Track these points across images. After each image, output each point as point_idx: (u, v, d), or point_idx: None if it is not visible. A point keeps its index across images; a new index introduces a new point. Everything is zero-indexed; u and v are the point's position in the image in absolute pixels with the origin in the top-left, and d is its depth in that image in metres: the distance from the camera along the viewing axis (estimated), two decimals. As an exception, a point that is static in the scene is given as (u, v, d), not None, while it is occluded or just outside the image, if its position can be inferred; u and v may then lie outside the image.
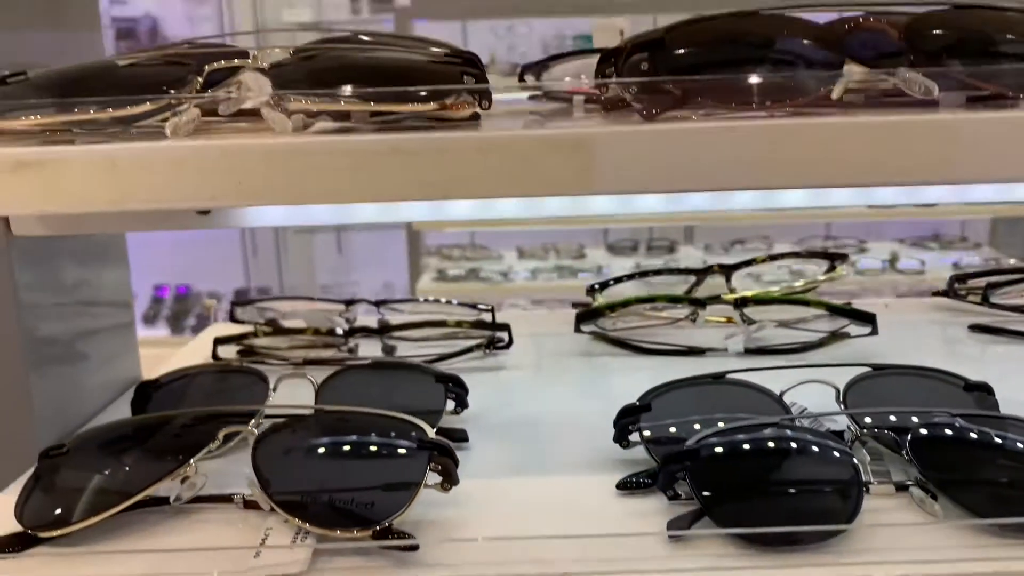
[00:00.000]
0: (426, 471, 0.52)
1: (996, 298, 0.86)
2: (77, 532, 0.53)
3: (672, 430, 0.59)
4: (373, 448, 0.55)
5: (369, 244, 3.34)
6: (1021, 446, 0.54)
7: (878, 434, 0.58)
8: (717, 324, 0.84)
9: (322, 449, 0.56)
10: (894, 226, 2.76)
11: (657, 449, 0.58)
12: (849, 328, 0.80)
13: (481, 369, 0.80)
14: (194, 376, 0.71)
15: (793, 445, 0.54)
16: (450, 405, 0.66)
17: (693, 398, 0.62)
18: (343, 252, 3.45)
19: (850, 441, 0.57)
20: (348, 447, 0.56)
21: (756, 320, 0.81)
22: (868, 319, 0.78)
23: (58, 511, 0.54)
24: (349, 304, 0.85)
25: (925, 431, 0.55)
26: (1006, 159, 0.46)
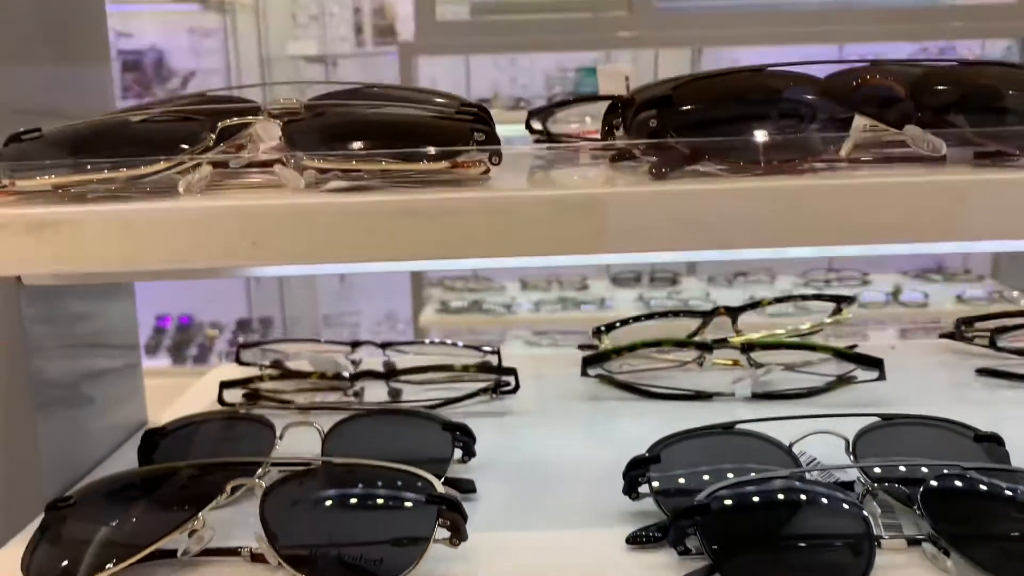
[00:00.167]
0: (435, 527, 0.52)
1: (1003, 342, 0.86)
2: (84, 587, 0.52)
3: (682, 482, 0.59)
4: (381, 503, 0.55)
5: (372, 275, 3.34)
6: (1033, 501, 0.53)
7: (889, 487, 0.57)
8: (724, 367, 0.84)
9: (329, 503, 0.55)
10: (897, 258, 2.76)
11: (667, 501, 0.58)
12: (856, 372, 0.79)
13: (487, 414, 0.80)
14: (200, 423, 0.70)
15: (804, 499, 0.54)
16: (457, 454, 0.66)
17: (702, 449, 0.62)
18: (346, 282, 3.46)
19: (861, 494, 0.57)
20: (356, 501, 0.55)
21: (763, 364, 0.81)
22: (875, 364, 0.78)
23: (65, 564, 0.53)
24: (355, 346, 0.85)
25: (936, 484, 0.55)
26: (1013, 219, 0.46)
